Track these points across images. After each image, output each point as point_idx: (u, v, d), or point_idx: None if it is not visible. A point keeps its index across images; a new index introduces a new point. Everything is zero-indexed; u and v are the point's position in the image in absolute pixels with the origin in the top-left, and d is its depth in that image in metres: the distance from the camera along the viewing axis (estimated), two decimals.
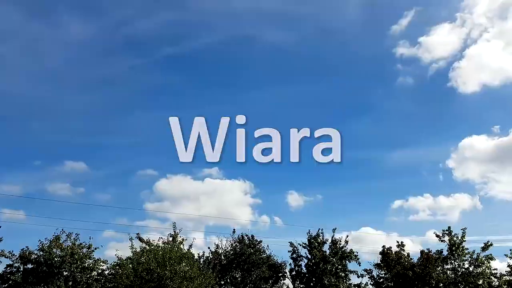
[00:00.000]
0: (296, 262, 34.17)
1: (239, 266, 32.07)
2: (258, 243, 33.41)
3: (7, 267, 25.94)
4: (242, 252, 32.20)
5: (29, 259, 25.89)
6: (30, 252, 26.09)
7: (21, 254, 25.93)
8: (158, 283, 23.77)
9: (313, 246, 33.78)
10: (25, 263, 26.00)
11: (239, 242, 33.04)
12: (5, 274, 25.65)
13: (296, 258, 34.26)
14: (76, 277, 26.15)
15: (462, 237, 34.12)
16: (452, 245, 34.02)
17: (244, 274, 31.98)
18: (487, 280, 32.96)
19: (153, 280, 23.82)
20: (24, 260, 25.92)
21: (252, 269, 31.94)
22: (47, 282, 25.34)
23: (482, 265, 33.19)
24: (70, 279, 26.16)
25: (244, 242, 33.04)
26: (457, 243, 33.98)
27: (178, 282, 23.95)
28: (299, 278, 33.70)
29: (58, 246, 26.26)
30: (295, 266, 34.07)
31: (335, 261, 33.45)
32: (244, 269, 31.99)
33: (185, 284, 24.10)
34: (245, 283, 31.82)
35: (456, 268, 33.62)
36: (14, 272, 25.66)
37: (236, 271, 32.21)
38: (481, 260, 33.29)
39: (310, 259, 33.72)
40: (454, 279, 33.02)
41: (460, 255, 33.74)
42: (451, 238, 34.24)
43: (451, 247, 34.02)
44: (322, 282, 32.41)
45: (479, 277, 32.91)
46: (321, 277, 32.59)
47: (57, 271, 25.83)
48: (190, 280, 24.44)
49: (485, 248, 33.73)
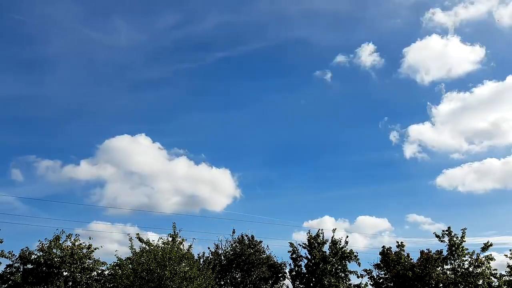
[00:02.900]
0: (296, 262, 34.20)
1: (239, 267, 32.05)
2: (258, 243, 33.42)
3: (7, 267, 25.91)
4: (242, 252, 32.19)
5: (29, 260, 25.85)
6: (30, 253, 26.05)
7: (21, 255, 25.89)
8: (158, 283, 23.71)
9: (313, 247, 33.81)
10: (25, 264, 25.94)
11: (239, 242, 33.03)
12: (5, 274, 25.60)
13: (296, 258, 34.28)
14: (76, 277, 26.12)
15: (462, 237, 34.13)
16: (452, 245, 34.02)
17: (244, 275, 31.97)
18: (487, 280, 32.93)
19: (153, 280, 23.76)
20: (24, 261, 25.87)
21: (252, 269, 31.94)
22: (47, 282, 25.30)
23: (482, 265, 33.15)
24: (70, 280, 26.13)
25: (244, 242, 33.04)
26: (457, 243, 33.98)
27: (178, 283, 23.89)
28: (299, 278, 33.70)
29: (58, 246, 26.25)
30: (295, 266, 34.09)
31: (335, 261, 33.47)
32: (244, 269, 31.98)
33: (185, 284, 24.04)
34: (245, 284, 31.80)
35: (456, 268, 33.58)
36: (14, 272, 25.60)
37: (236, 271, 32.20)
38: (481, 261, 33.25)
39: (310, 259, 33.75)
40: (454, 279, 32.97)
41: (460, 255, 33.73)
42: (451, 238, 34.23)
43: (451, 247, 34.01)
44: (322, 282, 32.40)
45: (479, 277, 32.87)
46: (321, 277, 32.58)
47: (57, 271, 25.80)
48: (190, 280, 24.38)
49: (485, 248, 33.73)
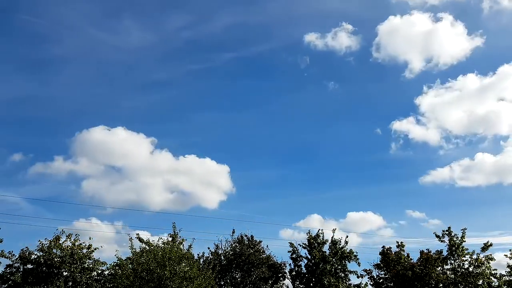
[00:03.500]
0: (296, 262, 34.19)
1: (238, 267, 32.05)
2: (257, 243, 33.41)
3: (7, 268, 25.89)
4: (241, 252, 32.18)
5: (29, 260, 25.83)
6: (30, 253, 26.03)
7: (21, 255, 25.86)
8: (158, 283, 23.70)
9: (313, 247, 33.80)
10: (25, 264, 25.92)
11: (239, 242, 33.03)
12: (5, 275, 25.58)
13: (296, 258, 34.27)
14: (76, 277, 26.10)
15: (462, 237, 34.12)
16: (452, 245, 34.00)
17: (244, 275, 31.97)
18: (487, 280, 32.92)
19: (153, 280, 23.75)
20: (24, 261, 25.86)
21: (252, 269, 31.93)
22: (47, 283, 25.28)
23: (482, 266, 33.14)
24: (70, 280, 26.11)
25: (244, 242, 33.04)
26: (457, 243, 33.96)
27: (178, 283, 23.88)
28: (299, 278, 33.69)
29: (58, 246, 26.25)
30: (295, 266, 34.08)
31: (335, 261, 33.46)
32: (244, 269, 31.97)
33: (184, 284, 24.03)
34: (245, 284, 31.79)
35: (456, 268, 33.57)
36: (14, 273, 25.58)
37: (236, 271, 32.19)
38: (481, 261, 33.24)
39: (310, 259, 33.74)
40: (454, 280, 32.97)
41: (460, 255, 33.72)
42: (451, 238, 34.22)
43: (451, 247, 34.00)
44: (322, 282, 32.39)
45: (479, 277, 32.86)
46: (320, 277, 32.57)
47: (57, 271, 25.79)
48: (190, 280, 24.38)
49: (485, 249, 33.72)
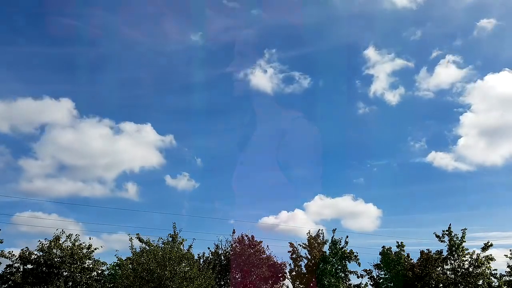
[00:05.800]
0: (296, 263, 34.17)
1: (238, 267, 32.02)
2: (258, 244, 33.39)
3: (7, 268, 25.91)
4: (242, 252, 32.15)
5: (29, 260, 25.86)
6: (30, 253, 26.06)
7: (21, 255, 25.90)
8: (158, 283, 23.71)
9: (313, 247, 33.79)
10: (25, 264, 25.97)
11: (239, 242, 33.00)
12: (5, 275, 25.60)
13: (296, 259, 34.26)
14: (75, 277, 26.13)
15: (462, 238, 34.09)
16: (452, 245, 33.98)
17: (244, 275, 31.94)
18: (487, 280, 32.91)
19: (153, 280, 23.77)
20: (24, 261, 25.89)
21: (252, 269, 31.91)
22: (47, 283, 25.31)
23: (482, 266, 33.13)
24: (70, 280, 26.14)
25: (244, 242, 33.01)
26: (457, 244, 33.94)
27: (178, 283, 23.90)
28: (299, 278, 33.67)
29: (58, 246, 26.25)
30: (295, 266, 34.06)
31: (335, 262, 33.46)
32: (244, 269, 31.94)
33: (185, 284, 24.05)
34: (245, 284, 31.77)
35: (456, 268, 33.56)
36: (14, 273, 25.62)
37: (236, 271, 32.16)
38: (481, 261, 33.24)
39: (310, 260, 33.73)
40: (454, 280, 32.95)
41: (460, 255, 33.70)
42: (451, 238, 34.21)
43: (451, 248, 33.98)
44: (322, 283, 32.39)
45: (479, 277, 32.84)
46: (321, 277, 32.57)
47: (57, 271, 25.83)
48: (190, 280, 24.40)
49: (485, 249, 33.70)
